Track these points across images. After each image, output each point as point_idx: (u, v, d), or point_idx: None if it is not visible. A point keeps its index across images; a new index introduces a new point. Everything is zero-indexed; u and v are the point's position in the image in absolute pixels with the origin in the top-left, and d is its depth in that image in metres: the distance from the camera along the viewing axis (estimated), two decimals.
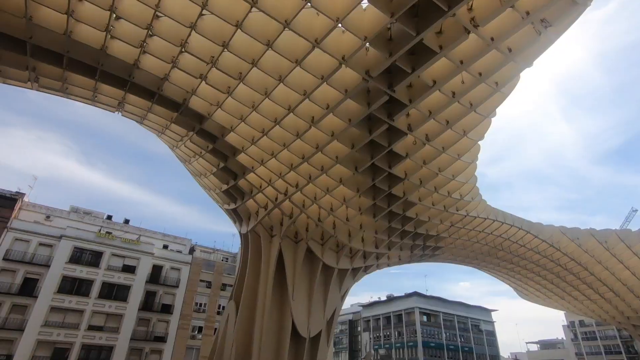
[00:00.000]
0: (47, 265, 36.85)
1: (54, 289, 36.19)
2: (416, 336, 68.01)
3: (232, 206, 22.99)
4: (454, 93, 12.98)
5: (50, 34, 12.57)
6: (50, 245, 37.94)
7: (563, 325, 78.64)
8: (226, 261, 53.30)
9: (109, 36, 12.56)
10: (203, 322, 44.88)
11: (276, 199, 20.23)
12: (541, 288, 37.80)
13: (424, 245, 25.37)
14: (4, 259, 35.09)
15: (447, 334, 72.08)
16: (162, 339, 40.98)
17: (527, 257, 30.85)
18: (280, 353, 19.81)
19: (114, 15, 11.68)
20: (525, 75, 13.34)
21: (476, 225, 24.67)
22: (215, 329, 44.12)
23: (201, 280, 46.86)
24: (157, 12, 11.38)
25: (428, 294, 75.84)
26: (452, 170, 17.66)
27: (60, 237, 38.45)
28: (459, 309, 77.58)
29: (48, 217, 42.69)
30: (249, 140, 16.88)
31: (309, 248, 21.60)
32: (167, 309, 42.78)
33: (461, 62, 11.67)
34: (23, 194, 40.41)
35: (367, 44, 11.14)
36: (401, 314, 73.34)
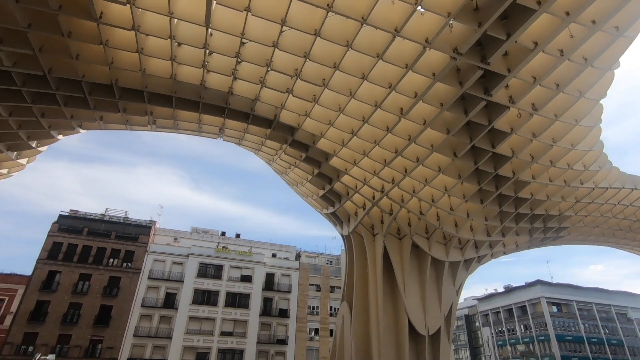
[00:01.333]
0: (181, 281, 42.29)
1: (189, 300, 41.34)
2: (547, 329, 60.88)
3: (331, 210, 23.53)
4: (561, 51, 11.36)
5: (160, 80, 14.49)
6: (181, 263, 43.49)
7: None
8: (330, 264, 54.74)
9: (206, 71, 13.96)
10: (318, 324, 46.65)
11: (373, 197, 20.10)
12: None
13: (544, 227, 22.65)
14: (149, 278, 41.30)
15: (586, 325, 63.04)
16: (283, 342, 43.71)
17: None
18: (401, 352, 19.49)
19: (207, 51, 12.94)
20: None
21: (609, 198, 21.17)
22: (330, 330, 45.49)
23: (310, 284, 48.87)
24: (242, 40, 12.28)
25: (554, 281, 67.52)
26: (570, 139, 15.45)
27: (188, 255, 43.84)
28: (596, 296, 67.33)
29: (176, 239, 49.05)
30: (339, 144, 17.11)
31: (415, 243, 20.95)
32: (284, 313, 45.54)
33: (567, 14, 10.16)
34: (154, 222, 47.17)
35: (452, 20, 10.41)
36: (524, 306, 66.44)
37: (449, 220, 20.21)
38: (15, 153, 18.66)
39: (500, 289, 77.49)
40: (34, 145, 18.47)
